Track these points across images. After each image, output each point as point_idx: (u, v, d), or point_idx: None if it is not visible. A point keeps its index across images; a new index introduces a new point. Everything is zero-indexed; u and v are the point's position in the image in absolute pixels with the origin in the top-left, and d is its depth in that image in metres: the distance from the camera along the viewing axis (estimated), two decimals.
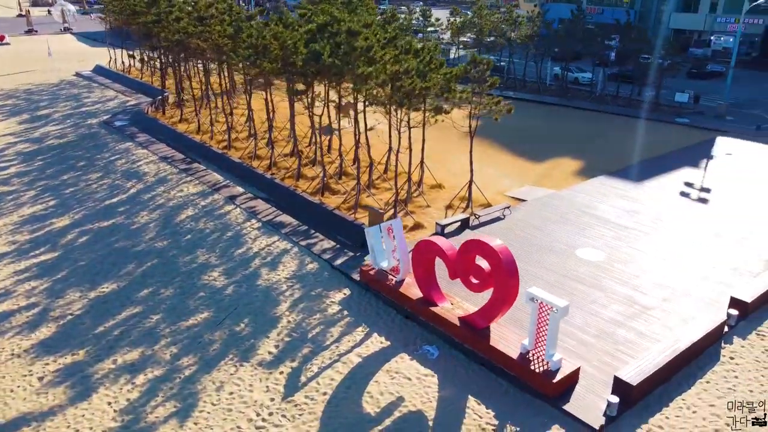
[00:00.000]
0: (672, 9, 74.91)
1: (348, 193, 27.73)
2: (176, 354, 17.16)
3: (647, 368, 14.90)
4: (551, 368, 14.89)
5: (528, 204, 26.77)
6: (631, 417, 14.18)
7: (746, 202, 26.72)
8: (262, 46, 28.43)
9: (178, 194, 28.24)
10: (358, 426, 14.23)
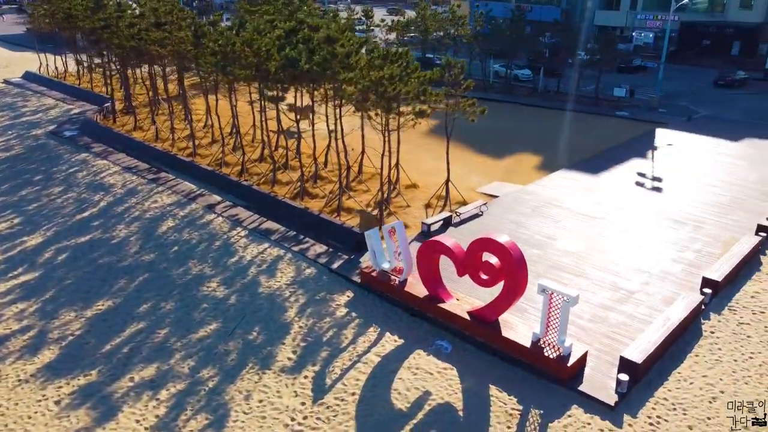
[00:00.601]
0: (596, 6, 79.04)
1: (327, 196, 28.19)
2: (194, 367, 17.23)
3: (648, 347, 16.40)
4: (563, 353, 16.12)
5: (501, 200, 28.13)
6: (638, 392, 15.59)
7: (694, 189, 29.15)
8: (231, 53, 28.38)
9: (152, 205, 27.78)
10: (393, 422, 14.93)
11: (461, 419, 14.97)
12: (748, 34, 70.38)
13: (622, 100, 46.86)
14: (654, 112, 44.80)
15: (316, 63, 25.14)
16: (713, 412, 14.88)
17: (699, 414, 14.85)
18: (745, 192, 28.64)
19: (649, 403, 15.24)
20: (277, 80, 26.57)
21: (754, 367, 16.48)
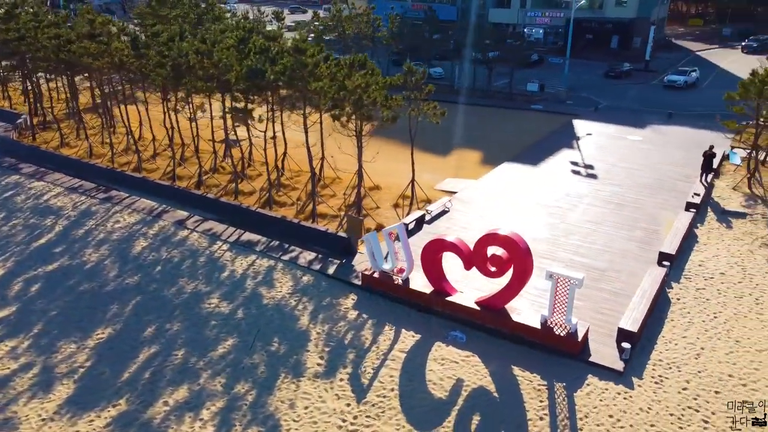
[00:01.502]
0: (490, 5, 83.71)
1: (295, 203, 28.66)
2: (226, 383, 17.42)
3: (638, 317, 18.81)
4: (572, 331, 18.12)
5: (460, 195, 30.00)
6: (637, 357, 17.91)
7: (622, 173, 32.67)
8: (186, 65, 27.97)
9: (116, 226, 26.84)
10: (440, 410, 16.16)
11: (497, 400, 16.49)
12: (624, 28, 77.65)
13: (534, 94, 50.64)
14: (563, 105, 48.94)
15: (282, 73, 25.54)
16: (701, 366, 17.46)
17: (690, 369, 17.38)
18: (664, 174, 32.53)
19: (649, 366, 17.58)
20: (242, 91, 26.55)
21: (720, 325, 19.38)
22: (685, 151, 36.60)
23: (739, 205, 28.17)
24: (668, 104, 47.56)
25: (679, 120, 43.24)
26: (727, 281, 21.92)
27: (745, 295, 21.07)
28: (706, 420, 15.52)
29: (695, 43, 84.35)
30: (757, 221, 26.71)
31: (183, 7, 50.49)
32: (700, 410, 15.84)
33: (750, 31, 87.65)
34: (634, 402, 16.22)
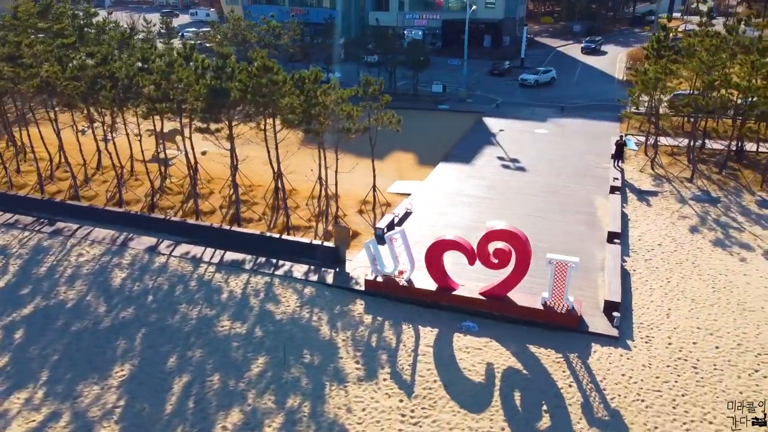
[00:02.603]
0: (370, 8, 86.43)
1: (262, 218, 28.98)
2: (277, 399, 17.95)
3: (616, 288, 22.00)
4: (570, 308, 20.84)
5: (415, 196, 31.96)
6: (623, 323, 21.03)
7: (545, 164, 36.49)
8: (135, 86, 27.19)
9: (81, 260, 25.55)
10: (483, 392, 18.02)
11: (528, 376, 18.70)
12: (494, 28, 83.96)
13: (438, 95, 53.86)
14: (465, 103, 52.64)
15: (249, 91, 25.85)
16: (674, 324, 20.94)
17: (667, 327, 20.80)
18: (579, 162, 36.84)
19: (635, 329, 20.76)
20: (207, 111, 26.36)
21: (675, 288, 23.14)
22: (586, 140, 41.45)
23: (650, 185, 32.94)
24: (553, 98, 53.00)
25: (571, 112, 48.53)
26: (665, 251, 25.98)
27: (683, 260, 25.18)
28: (695, 366, 18.87)
29: (553, 40, 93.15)
30: (668, 197, 31.50)
31: (63, 18, 47.30)
32: (688, 359, 19.19)
33: (596, 27, 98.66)
34: (635, 360, 19.22)
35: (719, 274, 24.11)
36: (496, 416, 17.12)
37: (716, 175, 33.82)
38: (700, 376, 18.44)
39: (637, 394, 17.78)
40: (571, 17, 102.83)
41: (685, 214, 29.58)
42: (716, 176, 33.73)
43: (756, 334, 20.38)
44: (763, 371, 18.64)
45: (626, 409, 17.25)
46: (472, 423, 16.90)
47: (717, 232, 27.67)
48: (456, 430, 16.70)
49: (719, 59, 33.49)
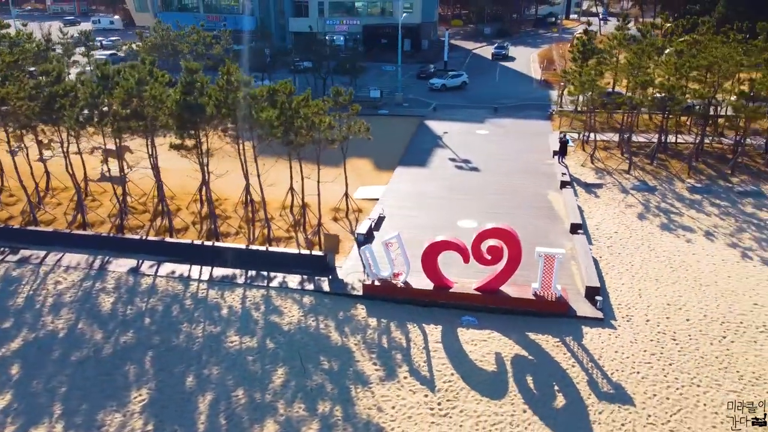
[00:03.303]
0: (289, 14, 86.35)
1: (239, 231, 29.03)
2: (307, 407, 18.48)
3: (593, 275, 24.20)
4: (558, 296, 22.75)
5: (384, 201, 33.03)
6: (604, 305, 23.22)
7: (495, 163, 38.70)
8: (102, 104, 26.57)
9: (61, 287, 24.62)
10: (499, 380, 19.44)
11: (535, 361, 20.35)
12: (413, 32, 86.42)
13: (376, 100, 55.13)
14: (403, 107, 54.30)
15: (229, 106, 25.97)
16: (647, 302, 23.38)
17: (642, 306, 23.18)
18: (525, 160, 39.36)
19: (615, 310, 22.99)
20: (180, 127, 26.11)
21: (639, 271, 25.67)
22: (525, 139, 44.25)
23: (594, 178, 35.89)
24: (483, 100, 55.85)
25: (504, 113, 51.41)
26: (622, 237, 28.68)
27: (639, 245, 27.93)
28: (674, 339, 21.29)
29: (466, 42, 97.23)
30: (611, 188, 34.52)
31: None
32: (666, 333, 21.60)
33: (505, 30, 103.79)
34: (622, 338, 21.38)
35: (672, 254, 27.00)
36: (515, 400, 18.59)
37: (649, 166, 37.36)
38: (680, 347, 20.85)
39: (631, 368, 19.87)
40: (481, 20, 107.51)
41: (630, 203, 32.60)
42: (649, 167, 37.26)
43: (716, 305, 23.19)
44: (729, 337, 21.34)
45: (626, 382, 19.26)
46: (496, 409, 18.26)
47: (661, 217, 30.79)
48: (483, 416, 18.00)
49: (644, 61, 36.98)
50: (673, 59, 36.52)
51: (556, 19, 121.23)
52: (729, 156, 38.50)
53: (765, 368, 19.80)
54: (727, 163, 37.42)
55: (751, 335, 21.45)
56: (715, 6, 76.43)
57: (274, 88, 26.45)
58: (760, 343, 21.07)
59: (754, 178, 35.44)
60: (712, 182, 34.96)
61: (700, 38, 42.86)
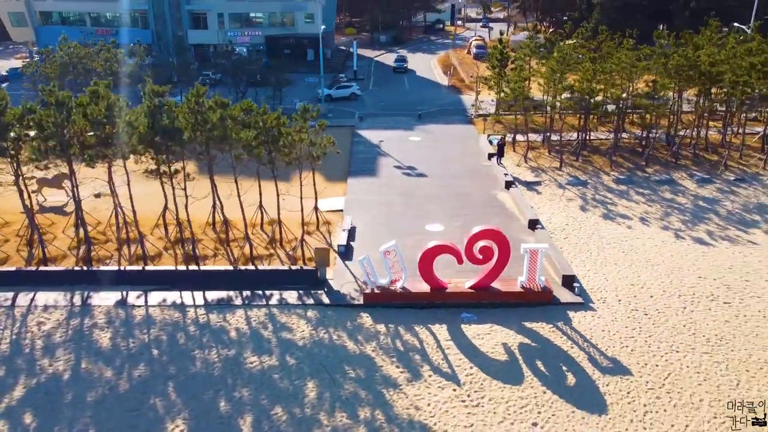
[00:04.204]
0: (187, 26, 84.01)
1: (215, 254, 28.88)
2: (349, 414, 19.28)
3: (566, 264, 26.90)
4: (542, 286, 25.14)
5: (348, 211, 34.01)
6: (580, 290, 25.93)
7: (437, 169, 40.84)
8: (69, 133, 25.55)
9: (47, 328, 23.35)
10: (513, 366, 21.33)
11: (538, 346, 22.51)
12: (316, 42, 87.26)
13: None
14: (328, 118, 55.10)
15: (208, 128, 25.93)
16: (613, 285, 26.41)
17: (610, 288, 26.16)
18: (465, 163, 41.95)
19: (589, 293, 25.79)
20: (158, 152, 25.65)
21: (597, 258, 28.78)
22: (456, 143, 46.97)
23: (532, 177, 39.12)
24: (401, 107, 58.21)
25: (427, 119, 54.00)
26: (574, 229, 31.83)
27: (591, 234, 31.20)
28: (646, 314, 24.35)
29: (364, 50, 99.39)
30: (549, 185, 37.89)
31: None
32: (638, 309, 24.65)
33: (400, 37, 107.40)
34: (604, 318, 24.14)
35: (620, 240, 30.47)
36: (534, 384, 20.59)
37: (576, 163, 41.28)
38: (653, 321, 23.93)
39: (620, 343, 22.60)
40: (375, 28, 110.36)
41: (569, 197, 36.05)
42: (576, 164, 41.18)
43: (670, 281, 26.70)
44: (689, 308, 24.78)
45: (619, 356, 21.92)
46: (520, 393, 20.14)
47: (600, 208, 34.43)
48: (510, 402, 19.81)
49: (565, 68, 40.85)
50: (588, 65, 40.57)
51: (444, 25, 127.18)
52: (638, 149, 43.45)
53: (723, 329, 23.34)
54: (638, 156, 42.25)
55: (705, 304, 25.04)
56: (592, 13, 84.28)
57: (248, 108, 26.71)
58: (713, 310, 24.66)
59: (664, 167, 40.39)
60: (631, 174, 39.41)
61: (586, 43, 48.03)
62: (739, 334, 23.13)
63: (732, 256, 28.84)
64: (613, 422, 18.95)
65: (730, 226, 32.07)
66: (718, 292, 25.85)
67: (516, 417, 19.20)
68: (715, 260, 28.51)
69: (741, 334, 23.09)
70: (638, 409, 19.45)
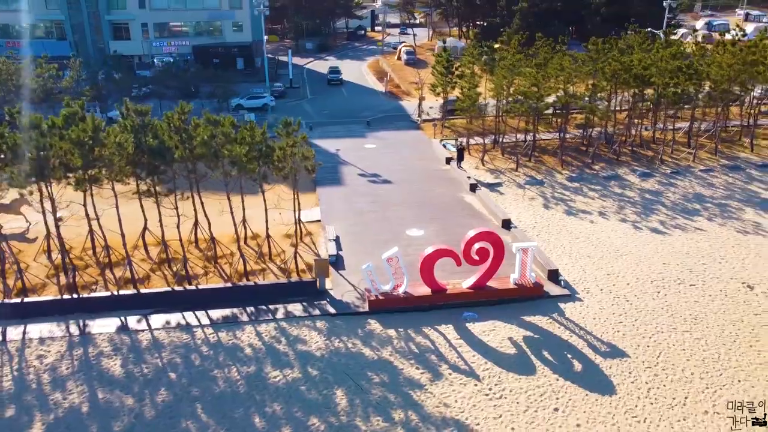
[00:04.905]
0: (109, 37, 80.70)
1: (206, 272, 28.64)
2: (385, 417, 20.01)
3: (549, 260, 28.83)
4: (533, 282, 26.88)
5: (326, 221, 34.48)
6: (564, 282, 27.91)
7: (399, 174, 42.00)
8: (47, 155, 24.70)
9: (49, 361, 22.42)
10: (523, 358, 22.81)
11: (541, 338, 24.13)
12: (246, 51, 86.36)
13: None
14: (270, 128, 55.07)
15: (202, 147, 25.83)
16: (591, 275, 28.60)
17: (589, 278, 28.31)
18: (424, 168, 43.38)
19: (573, 284, 27.82)
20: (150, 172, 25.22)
21: (572, 251, 30.97)
22: (410, 148, 48.43)
23: (492, 179, 41.14)
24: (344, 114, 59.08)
25: (376, 126, 55.17)
26: (544, 226, 33.98)
27: (560, 230, 33.43)
28: (627, 300, 26.60)
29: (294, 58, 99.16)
30: (509, 186, 40.04)
31: None
32: (620, 297, 26.90)
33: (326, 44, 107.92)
34: (591, 307, 26.19)
35: (588, 234, 32.90)
36: (546, 373, 22.16)
37: (529, 163, 43.76)
38: (635, 306, 26.22)
39: (612, 329, 24.66)
40: (300, 35, 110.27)
41: (530, 196, 38.32)
42: (530, 164, 43.66)
43: (640, 269, 29.23)
44: (662, 292, 27.31)
45: (614, 340, 23.94)
46: (536, 383, 21.63)
47: (561, 205, 36.88)
48: (529, 391, 21.25)
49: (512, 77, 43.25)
50: (533, 71, 43.14)
51: (365, 32, 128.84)
52: (582, 148, 46.62)
53: (695, 309, 25.95)
54: (583, 154, 45.37)
55: (675, 288, 27.69)
56: (513, 19, 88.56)
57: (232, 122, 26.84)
58: (683, 292, 27.33)
59: (608, 164, 43.65)
60: (581, 171, 42.33)
61: (524, 50, 51.10)
62: (709, 312, 25.81)
63: (687, 243, 31.90)
64: (623, 401, 20.79)
65: (677, 216, 35.34)
66: (683, 276, 28.61)
67: (538, 404, 20.64)
68: (673, 247, 31.44)
69: (711, 312, 25.77)
70: (642, 386, 21.42)
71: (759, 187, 39.72)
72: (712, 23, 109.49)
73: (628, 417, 20.05)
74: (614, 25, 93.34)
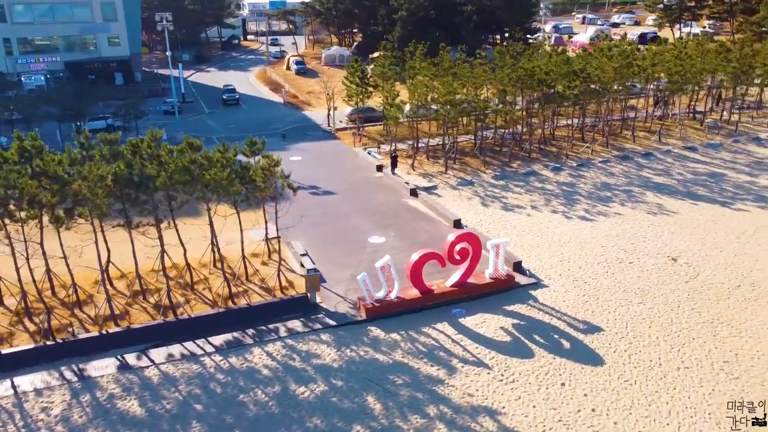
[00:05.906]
0: None
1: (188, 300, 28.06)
2: (421, 416, 21.36)
3: (513, 256, 31.65)
4: (505, 274, 29.51)
5: (286, 236, 34.70)
6: (529, 271, 30.89)
7: (341, 185, 43.04)
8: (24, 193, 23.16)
9: (57, 411, 21.00)
10: (519, 344, 25.21)
11: (527, 324, 26.68)
12: (125, 65, 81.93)
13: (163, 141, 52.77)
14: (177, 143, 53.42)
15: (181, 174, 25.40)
16: (554, 261, 31.86)
17: (553, 265, 31.52)
18: (361, 177, 44.76)
19: (536, 273, 30.87)
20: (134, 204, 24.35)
21: (522, 240, 34.16)
22: (337, 158, 49.58)
23: (426, 182, 43.53)
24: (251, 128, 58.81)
25: (292, 138, 55.53)
26: (493, 223, 36.93)
27: (504, 226, 36.55)
28: (585, 282, 30.10)
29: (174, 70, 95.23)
30: (444, 188, 42.71)
31: None
32: (579, 279, 30.35)
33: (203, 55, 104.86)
34: (557, 292, 29.35)
35: (530, 227, 36.31)
36: (544, 354, 24.75)
37: (455, 165, 46.75)
38: (593, 286, 29.76)
39: (582, 308, 27.92)
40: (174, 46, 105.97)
41: (466, 196, 41.24)
42: (456, 166, 46.66)
43: (585, 253, 33.00)
44: (610, 272, 31.17)
45: (586, 317, 27.17)
46: (538, 364, 24.14)
47: (496, 202, 40.15)
48: (535, 372, 23.69)
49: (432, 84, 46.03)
50: (449, 79, 46.23)
51: (239, 41, 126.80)
52: (496, 148, 50.59)
53: (640, 284, 29.97)
54: (498, 154, 49.31)
55: (618, 267, 31.68)
56: (394, 27, 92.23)
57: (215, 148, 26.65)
58: (626, 270, 31.32)
59: (523, 161, 47.92)
60: (502, 170, 46.09)
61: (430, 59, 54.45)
62: (651, 284, 30.00)
63: (613, 227, 36.40)
64: (614, 368, 23.88)
65: (596, 204, 40.01)
66: (621, 256, 32.81)
67: (546, 382, 23.11)
68: (603, 231, 35.76)
69: (653, 285, 29.97)
70: (623, 355, 24.71)
71: (649, 173, 45.91)
72: (559, 26, 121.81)
73: (621, 381, 23.13)
74: (484, 31, 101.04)
